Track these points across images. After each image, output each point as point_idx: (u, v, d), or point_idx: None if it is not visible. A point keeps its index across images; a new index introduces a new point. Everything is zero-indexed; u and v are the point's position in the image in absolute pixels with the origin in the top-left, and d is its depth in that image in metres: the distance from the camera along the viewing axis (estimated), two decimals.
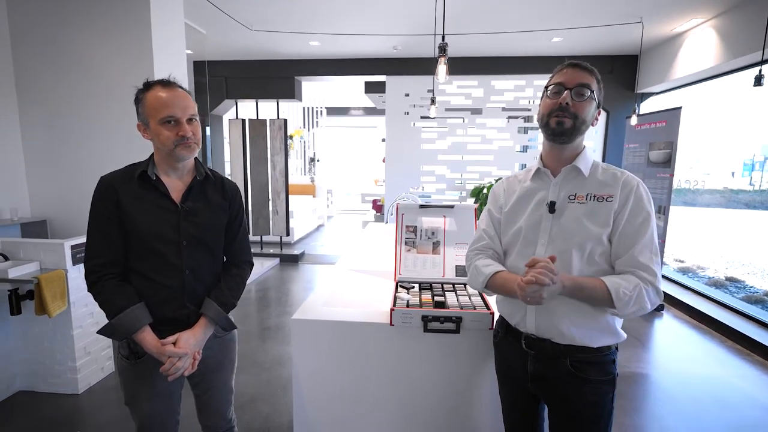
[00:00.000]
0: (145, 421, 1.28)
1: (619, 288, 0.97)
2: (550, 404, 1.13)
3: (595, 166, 1.11)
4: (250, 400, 2.40)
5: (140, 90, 1.18)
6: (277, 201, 5.70)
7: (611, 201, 1.05)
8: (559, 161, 1.12)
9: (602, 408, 1.07)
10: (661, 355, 3.11)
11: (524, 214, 1.15)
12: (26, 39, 3.02)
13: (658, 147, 4.11)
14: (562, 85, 1.05)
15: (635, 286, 0.97)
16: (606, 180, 1.08)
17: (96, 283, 1.16)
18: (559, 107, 1.04)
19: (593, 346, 1.05)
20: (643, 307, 0.98)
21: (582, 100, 1.03)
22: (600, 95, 1.07)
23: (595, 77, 1.06)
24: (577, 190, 1.09)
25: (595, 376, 1.06)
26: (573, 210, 1.08)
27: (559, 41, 4.43)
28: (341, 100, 9.51)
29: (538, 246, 1.10)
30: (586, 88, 1.03)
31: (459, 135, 5.43)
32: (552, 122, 1.05)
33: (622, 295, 0.96)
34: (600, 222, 1.04)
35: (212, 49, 4.88)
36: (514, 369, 1.17)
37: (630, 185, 1.05)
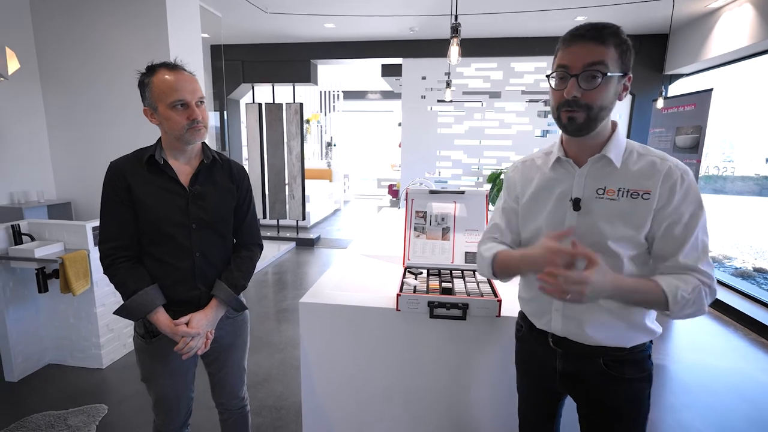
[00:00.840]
0: (161, 396, 1.34)
1: (677, 291, 0.84)
2: (581, 403, 1.04)
3: (629, 152, 0.93)
4: (264, 379, 2.47)
5: (144, 74, 1.18)
6: (293, 185, 5.75)
7: (648, 198, 0.88)
8: (584, 149, 0.95)
9: (639, 406, 0.99)
10: (680, 346, 3.04)
11: (544, 210, 1.01)
12: (48, 26, 3.08)
13: (685, 131, 3.93)
14: (566, 69, 0.86)
15: (695, 288, 0.85)
16: (643, 170, 0.90)
17: (111, 266, 1.20)
18: (566, 102, 0.86)
19: (627, 347, 0.96)
20: (701, 310, 0.87)
21: (593, 87, 0.84)
22: (624, 62, 0.86)
23: (613, 43, 0.84)
24: (607, 183, 0.92)
25: (632, 374, 0.97)
26: (603, 207, 0.92)
27: (583, 20, 4.23)
28: (358, 84, 9.42)
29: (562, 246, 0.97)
30: (596, 69, 0.83)
31: (476, 119, 5.32)
32: (563, 117, 0.89)
33: (680, 299, 0.84)
34: (635, 223, 0.89)
35: (228, 32, 4.88)
36: (540, 366, 1.09)
37: (673, 177, 0.88)
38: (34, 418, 2.08)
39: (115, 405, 2.20)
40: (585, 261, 0.84)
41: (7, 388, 2.36)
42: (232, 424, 1.50)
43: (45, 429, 2.00)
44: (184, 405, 1.38)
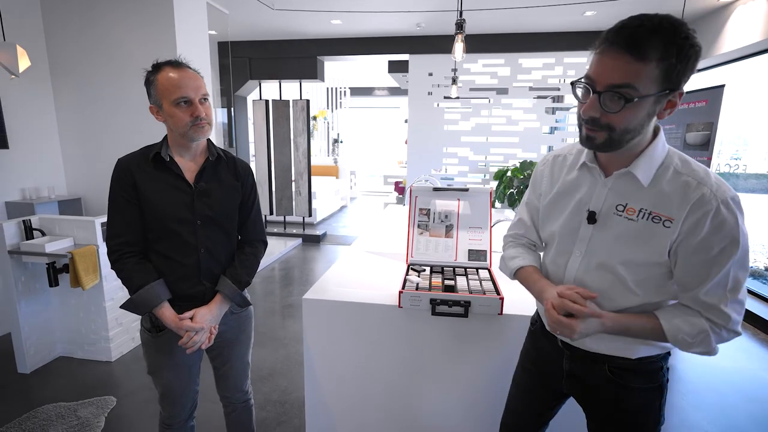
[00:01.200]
0: (166, 389, 1.36)
1: (679, 333, 0.80)
2: (586, 407, 1.03)
3: (664, 168, 0.81)
4: (269, 374, 2.50)
5: (150, 72, 1.20)
6: (299, 182, 5.77)
7: (669, 227, 0.79)
8: (614, 159, 0.85)
9: (647, 417, 0.94)
10: None
11: (561, 216, 0.96)
12: (58, 24, 3.12)
13: (696, 128, 3.87)
14: (591, 83, 0.74)
15: (700, 332, 0.79)
16: (672, 192, 0.79)
17: (117, 261, 1.22)
18: (585, 120, 0.77)
19: (632, 358, 0.92)
20: (709, 351, 0.81)
21: (614, 111, 0.72)
22: (672, 77, 0.71)
23: (656, 56, 0.68)
24: (630, 200, 0.84)
25: (639, 383, 0.92)
26: (618, 225, 0.86)
27: (592, 15, 4.18)
28: (365, 81, 9.40)
29: (573, 256, 0.93)
30: (621, 91, 0.70)
31: (483, 116, 5.28)
32: (582, 132, 0.80)
33: (681, 340, 0.80)
34: (650, 249, 0.82)
35: (236, 29, 4.90)
36: (549, 362, 1.06)
37: (704, 207, 0.76)
38: (45, 409, 2.12)
39: (124, 397, 2.24)
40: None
41: (19, 379, 2.41)
42: (236, 417, 1.53)
43: (56, 420, 2.04)
44: (189, 398, 1.40)
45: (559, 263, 0.97)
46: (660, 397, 0.94)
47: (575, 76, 4.94)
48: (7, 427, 1.99)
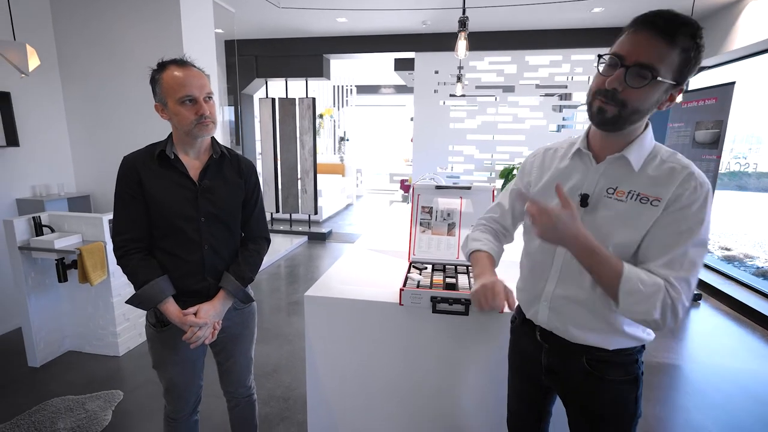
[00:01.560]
0: (171, 383, 1.38)
1: (634, 278, 0.80)
2: (565, 400, 1.06)
3: (652, 157, 0.88)
4: (274, 369, 2.53)
5: (155, 70, 1.22)
6: (305, 180, 5.80)
7: (657, 205, 0.84)
8: (607, 146, 0.91)
9: (623, 408, 0.97)
10: (694, 347, 2.98)
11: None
12: (67, 23, 3.16)
13: (705, 126, 3.81)
14: (619, 58, 0.78)
15: (654, 284, 0.80)
16: (660, 176, 0.86)
17: (123, 257, 1.24)
18: (604, 90, 0.80)
19: (609, 349, 0.95)
20: (649, 312, 0.80)
21: (638, 86, 0.77)
22: (683, 71, 0.78)
23: (680, 46, 0.75)
24: (620, 183, 0.89)
25: (615, 375, 0.95)
26: (609, 207, 0.90)
27: (600, 12, 4.14)
28: (372, 79, 9.39)
29: None
30: (647, 70, 0.76)
31: (490, 114, 5.25)
32: (594, 105, 0.84)
33: (632, 286, 0.80)
34: (637, 229, 0.86)
35: (242, 28, 4.92)
36: (528, 359, 1.10)
37: (689, 183, 0.83)
38: (55, 401, 2.17)
39: (131, 391, 2.28)
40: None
41: (30, 372, 2.46)
42: (240, 412, 1.55)
43: (64, 413, 2.09)
44: (193, 392, 1.42)
45: (547, 248, 0.99)
46: (636, 390, 0.97)
47: (582, 73, 4.90)
48: (17, 419, 2.04)
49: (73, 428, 1.98)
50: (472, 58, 5.03)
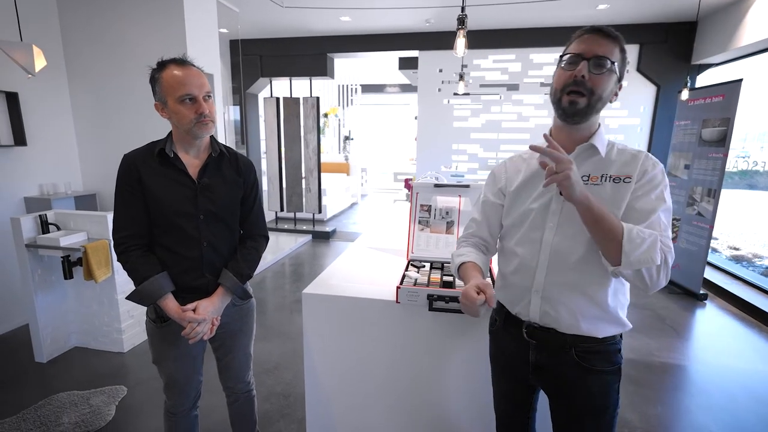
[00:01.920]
0: (171, 378, 1.40)
1: (634, 228, 0.88)
2: (552, 395, 1.08)
3: (610, 146, 1.02)
4: (275, 366, 2.54)
5: (155, 69, 1.23)
6: (309, 179, 5.82)
7: (629, 182, 0.96)
8: (572, 140, 1.01)
9: (608, 399, 1.03)
10: (698, 347, 2.95)
11: (532, 195, 1.06)
12: (74, 24, 3.21)
13: (712, 124, 3.76)
14: (579, 56, 0.94)
15: (651, 234, 0.89)
16: (624, 160, 0.99)
17: (123, 254, 1.26)
18: (574, 81, 0.93)
19: (599, 337, 1.00)
20: (653, 258, 0.87)
21: (600, 72, 0.92)
22: (623, 67, 0.97)
23: (619, 46, 0.94)
24: (592, 170, 1.00)
25: (601, 366, 1.01)
26: None
27: (605, 8, 4.10)
28: (377, 78, 9.39)
29: (546, 230, 1.02)
30: (606, 59, 0.92)
31: (494, 112, 5.23)
32: (564, 100, 0.95)
33: (635, 236, 0.87)
34: (616, 205, 0.96)
35: (246, 27, 4.95)
36: (514, 359, 1.12)
37: (647, 164, 0.98)
38: (60, 396, 2.21)
39: (134, 387, 2.31)
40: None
41: (37, 368, 2.51)
42: (239, 407, 1.56)
43: (69, 407, 2.12)
44: (193, 388, 1.44)
45: (534, 238, 1.04)
46: (618, 380, 1.04)
47: None
48: (23, 413, 2.08)
49: (77, 423, 2.01)
50: (476, 57, 5.02)
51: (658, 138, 4.74)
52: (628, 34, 4.58)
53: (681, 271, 3.98)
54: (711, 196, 3.71)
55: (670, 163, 4.27)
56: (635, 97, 4.76)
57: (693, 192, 3.93)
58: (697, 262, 3.79)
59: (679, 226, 4.08)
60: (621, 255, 0.88)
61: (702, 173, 3.84)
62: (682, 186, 4.08)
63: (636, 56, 4.66)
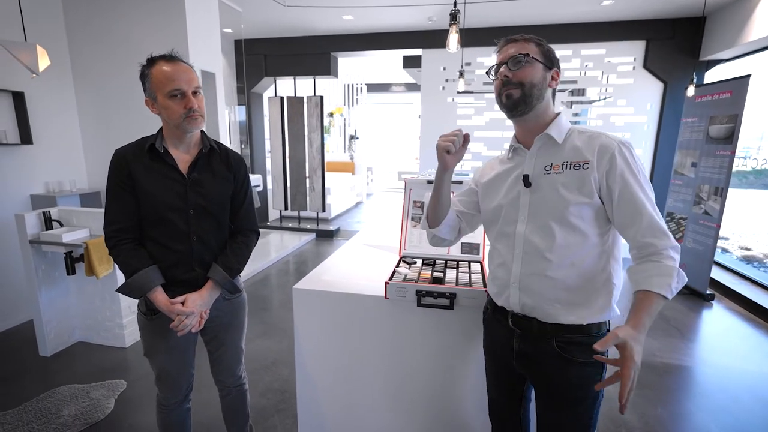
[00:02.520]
0: (162, 370, 1.42)
1: (669, 286, 0.90)
2: (535, 383, 1.11)
3: (570, 132, 1.05)
4: (272, 363, 2.56)
5: (145, 66, 1.25)
6: (313, 178, 5.84)
7: (588, 168, 0.97)
8: (530, 133, 1.06)
9: (587, 390, 1.03)
10: (703, 348, 2.90)
11: (502, 191, 1.12)
12: (79, 24, 3.26)
13: (720, 121, 3.69)
14: (499, 64, 1.04)
15: (671, 270, 0.91)
16: (580, 145, 1.01)
17: (114, 247, 1.28)
18: (503, 83, 1.01)
19: (582, 324, 1.01)
20: (683, 279, 0.93)
21: (520, 67, 1.00)
22: (548, 57, 1.03)
23: (533, 41, 1.02)
24: (553, 159, 1.03)
25: (582, 357, 1.01)
26: (549, 181, 1.02)
27: (610, 4, 4.04)
28: (382, 77, 9.39)
29: (518, 224, 1.06)
30: (519, 55, 1.00)
31: (497, 110, 5.18)
32: (502, 98, 1.03)
33: (674, 290, 0.91)
34: (579, 190, 0.98)
35: (250, 27, 4.99)
36: (500, 346, 1.16)
37: (608, 150, 0.97)
38: (62, 389, 2.25)
39: (134, 381, 2.34)
40: None
41: (40, 361, 2.56)
42: (231, 400, 1.58)
43: (70, 400, 2.16)
44: (184, 380, 1.46)
45: (509, 232, 1.09)
46: (601, 372, 1.04)
47: (593, 68, 4.80)
48: (25, 405, 2.12)
49: (77, 415, 2.05)
50: (480, 54, 4.99)
51: (665, 135, 4.67)
52: (634, 30, 4.55)
53: (687, 270, 3.91)
54: (718, 195, 3.64)
55: (677, 161, 4.20)
56: (642, 94, 4.69)
57: (700, 190, 3.86)
58: (703, 262, 3.72)
59: (685, 225, 4.01)
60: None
61: (709, 171, 3.77)
62: (688, 184, 4.01)
63: (642, 53, 4.59)
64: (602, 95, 4.90)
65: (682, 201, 4.09)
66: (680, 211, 4.10)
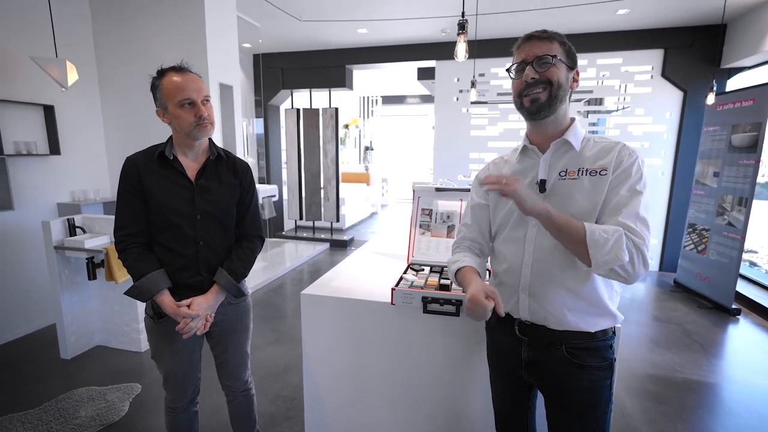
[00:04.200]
0: (169, 373, 1.45)
1: (596, 229, 0.90)
2: (545, 391, 1.09)
3: (586, 140, 1.04)
4: (283, 370, 2.57)
5: (155, 77, 1.31)
6: (328, 188, 5.91)
7: (605, 174, 0.97)
8: (546, 137, 1.04)
9: (599, 394, 1.02)
10: (728, 364, 2.77)
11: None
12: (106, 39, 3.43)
13: (742, 129, 3.59)
14: (522, 63, 1.00)
15: (615, 231, 0.90)
16: (599, 153, 1.00)
17: (124, 251, 1.33)
18: (527, 84, 0.98)
19: (591, 331, 1.00)
20: (619, 257, 0.88)
21: (547, 68, 0.97)
22: (570, 58, 1.00)
23: (557, 41, 0.99)
24: (569, 165, 1.01)
25: (592, 362, 1.01)
26: (565, 187, 1.01)
27: (625, 13, 4.01)
28: (397, 89, 9.49)
29: (529, 227, 1.04)
30: (546, 56, 0.97)
31: (512, 120, 5.17)
32: (525, 102, 1.00)
33: (597, 237, 0.89)
34: (594, 198, 0.97)
35: (268, 41, 5.14)
36: (507, 355, 1.13)
37: (622, 154, 0.98)
38: (79, 391, 2.31)
39: (148, 385, 2.39)
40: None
41: (61, 363, 2.64)
42: (237, 405, 1.59)
43: (87, 401, 2.22)
44: (191, 384, 1.48)
45: (518, 237, 1.06)
46: (610, 376, 1.03)
47: (609, 77, 4.75)
48: (45, 405, 2.18)
49: (93, 416, 2.10)
50: (494, 65, 5.00)
51: (686, 145, 4.55)
52: (651, 38, 4.50)
53: (711, 284, 3.77)
54: (742, 205, 3.52)
55: (698, 171, 4.09)
56: (660, 102, 4.60)
57: (723, 201, 3.74)
58: (728, 275, 3.58)
59: (708, 236, 3.88)
60: (589, 257, 0.91)
61: (732, 181, 3.65)
62: (711, 194, 3.89)
63: (660, 61, 4.52)
64: (620, 104, 4.83)
65: (704, 212, 3.97)
66: (702, 222, 3.97)
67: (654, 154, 4.70)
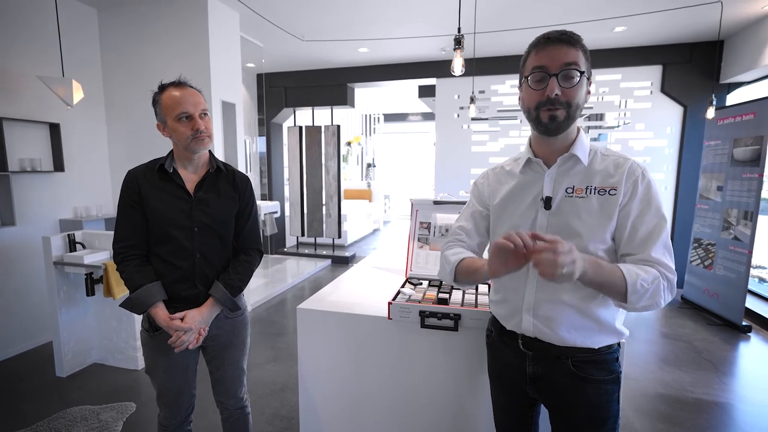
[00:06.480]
0: (162, 389, 1.42)
1: (638, 279, 0.85)
2: (550, 407, 1.05)
3: (593, 153, 0.98)
4: (281, 389, 2.52)
5: (156, 93, 1.33)
6: (330, 204, 5.92)
7: (615, 194, 0.93)
8: (553, 150, 0.99)
9: (608, 409, 0.99)
10: (739, 383, 2.68)
11: (517, 211, 1.03)
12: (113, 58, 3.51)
13: (744, 143, 3.58)
14: (544, 70, 0.89)
15: (654, 279, 0.86)
16: (608, 169, 0.95)
17: (121, 263, 1.32)
18: (548, 99, 0.89)
19: (595, 347, 0.97)
20: (657, 303, 0.88)
21: (572, 85, 0.89)
22: (588, 66, 0.93)
23: (581, 47, 0.90)
24: (576, 182, 0.96)
25: (599, 375, 0.98)
26: (572, 205, 0.95)
27: (623, 31, 4.07)
28: (399, 107, 9.61)
29: None
30: (574, 68, 0.88)
31: (512, 136, 5.20)
32: (543, 117, 0.92)
33: (639, 287, 0.85)
34: (603, 219, 0.93)
35: (271, 61, 5.24)
36: (511, 370, 1.09)
37: (635, 173, 0.93)
38: (73, 410, 2.26)
39: (143, 404, 2.34)
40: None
41: (56, 382, 2.60)
42: (233, 423, 1.55)
43: (80, 421, 2.17)
44: (185, 400, 1.45)
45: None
46: (617, 389, 1.00)
47: (608, 94, 4.78)
48: (37, 425, 2.14)
49: None
50: (494, 82, 5.06)
51: (688, 159, 4.54)
52: (650, 55, 4.55)
53: (719, 300, 3.69)
54: (748, 219, 3.47)
55: (702, 185, 4.06)
56: (660, 117, 4.61)
57: (728, 215, 3.69)
58: (736, 291, 3.51)
59: (714, 251, 3.82)
60: (627, 303, 0.88)
61: (737, 195, 3.62)
62: (715, 209, 3.85)
63: (659, 77, 4.56)
64: (620, 120, 4.85)
65: (709, 226, 3.92)
66: (708, 237, 3.92)
67: (656, 169, 4.68)
